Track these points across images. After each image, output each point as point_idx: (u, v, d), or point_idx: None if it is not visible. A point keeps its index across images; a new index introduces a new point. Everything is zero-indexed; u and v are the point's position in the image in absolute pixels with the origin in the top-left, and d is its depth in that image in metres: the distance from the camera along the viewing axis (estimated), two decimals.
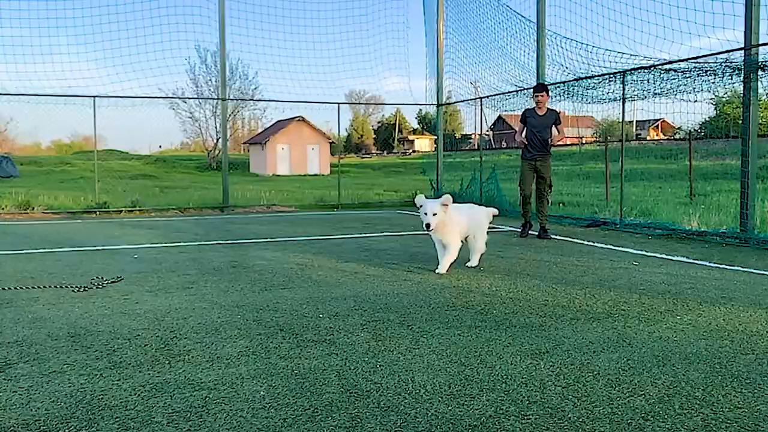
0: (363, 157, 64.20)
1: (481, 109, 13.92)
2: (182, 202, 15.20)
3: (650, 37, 9.15)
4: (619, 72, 9.93)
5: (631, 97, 10.08)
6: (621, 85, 10.01)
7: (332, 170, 47.20)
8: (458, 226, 6.05)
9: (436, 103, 15.52)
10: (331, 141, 50.78)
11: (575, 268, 6.28)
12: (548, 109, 8.93)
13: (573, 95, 11.65)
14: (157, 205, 14.87)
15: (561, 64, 11.37)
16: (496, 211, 6.91)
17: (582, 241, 8.46)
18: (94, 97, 13.15)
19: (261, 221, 11.97)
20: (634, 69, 9.67)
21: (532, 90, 9.57)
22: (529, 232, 9.06)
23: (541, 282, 5.57)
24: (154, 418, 2.64)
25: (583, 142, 41.92)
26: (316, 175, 45.44)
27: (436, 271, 5.99)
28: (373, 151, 74.48)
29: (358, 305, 4.68)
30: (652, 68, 9.29)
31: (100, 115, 13.38)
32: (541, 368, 3.27)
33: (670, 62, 8.91)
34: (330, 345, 3.68)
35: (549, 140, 8.82)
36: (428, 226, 5.69)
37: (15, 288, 5.34)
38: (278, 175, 43.35)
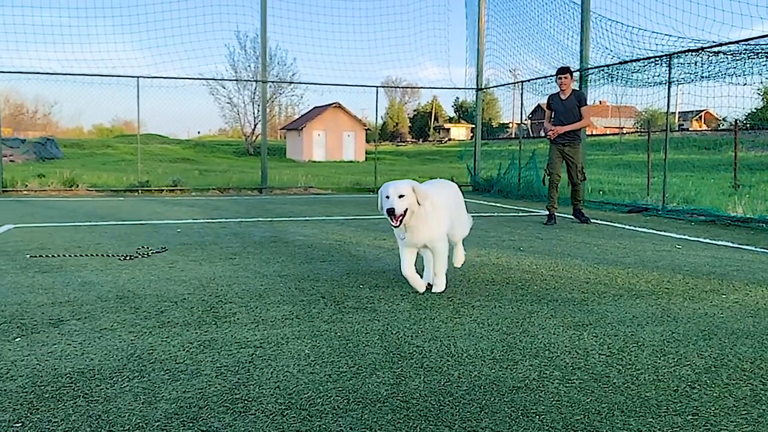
0: (398, 145, 64.07)
1: (522, 93, 13.78)
2: (221, 183, 15.42)
3: (699, 19, 8.93)
4: (666, 55, 9.72)
5: (677, 80, 9.86)
6: (667, 69, 9.80)
7: (367, 157, 47.27)
8: (443, 210, 4.24)
9: (475, 87, 15.40)
10: (366, 128, 50.83)
11: (616, 250, 6.20)
12: (572, 90, 8.50)
13: (617, 79, 11.46)
14: (198, 185, 15.11)
15: (605, 47, 11.19)
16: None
17: (623, 226, 8.34)
18: (138, 77, 13.38)
19: (299, 202, 12.08)
20: (681, 52, 9.46)
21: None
22: (554, 223, 8.46)
23: (581, 261, 5.52)
24: (203, 371, 2.71)
25: (624, 132, 41.20)
26: (351, 161, 45.57)
27: (433, 290, 4.28)
28: (408, 139, 74.30)
29: (397, 278, 4.70)
30: (700, 51, 9.07)
31: (141, 99, 13.62)
32: (584, 338, 3.25)
33: (720, 45, 8.68)
34: (371, 312, 3.72)
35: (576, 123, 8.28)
36: (392, 212, 3.84)
37: (64, 256, 5.50)
38: (314, 161, 43.60)
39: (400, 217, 3.90)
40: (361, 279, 4.67)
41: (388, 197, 3.91)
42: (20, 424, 2.17)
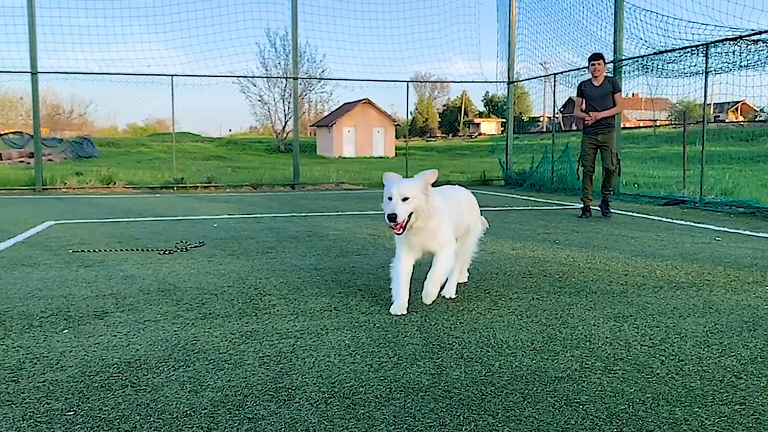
0: (428, 140, 63.93)
1: (554, 85, 13.63)
2: (254, 180, 15.58)
3: (737, 6, 8.74)
4: (703, 44, 9.53)
5: (714, 70, 9.66)
6: (704, 58, 9.61)
7: (397, 153, 47.26)
8: (450, 212, 3.70)
9: (507, 80, 15.29)
10: (396, 124, 50.82)
11: (654, 242, 6.11)
12: (605, 77, 8.28)
13: (651, 70, 11.28)
14: (231, 181, 15.29)
15: (639, 37, 11.02)
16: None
17: (660, 218, 8.22)
18: (172, 75, 13.58)
19: (331, 197, 12.14)
20: (718, 41, 9.27)
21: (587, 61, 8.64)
22: (590, 214, 8.37)
23: (619, 254, 5.46)
24: (246, 361, 2.75)
25: (658, 124, 40.50)
26: (381, 157, 45.61)
27: (424, 300, 3.57)
28: (438, 135, 74.06)
29: None
30: (738, 40, 8.88)
31: (174, 98, 13.82)
32: (625, 330, 3.22)
33: (759, 33, 8.48)
34: (408, 304, 3.72)
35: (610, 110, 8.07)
36: (393, 218, 3.29)
37: (105, 250, 5.62)
38: (344, 157, 43.74)
39: (403, 224, 3.34)
40: None
41: (390, 198, 3.35)
42: (72, 413, 2.23)
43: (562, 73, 13.39)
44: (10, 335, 3.13)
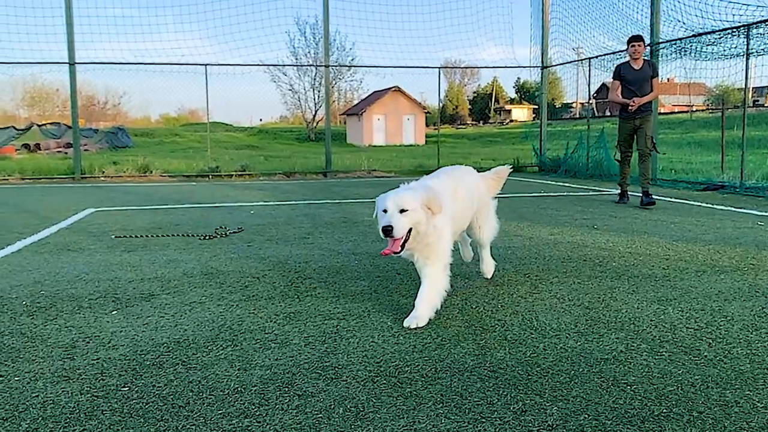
0: (458, 128, 63.56)
1: (589, 70, 13.43)
2: (287, 168, 15.68)
3: None
4: (744, 25, 9.29)
5: (756, 52, 9.42)
6: (745, 40, 9.37)
7: (427, 140, 47.10)
8: (452, 216, 3.26)
9: (540, 65, 15.10)
10: (426, 111, 50.60)
11: (695, 227, 6.01)
12: (644, 60, 8.01)
13: (689, 53, 11.04)
14: (264, 170, 15.43)
15: (678, 19, 10.78)
16: (506, 170, 4.29)
17: (699, 203, 8.07)
18: (206, 65, 13.72)
19: (364, 184, 12.18)
20: (761, 21, 9.03)
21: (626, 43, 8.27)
22: (627, 200, 8.22)
23: (659, 239, 5.38)
24: (292, 341, 2.79)
25: (694, 109, 39.66)
26: (411, 145, 45.49)
27: (407, 322, 2.99)
28: (468, 122, 73.53)
29: None
30: None
31: (205, 89, 13.94)
32: (669, 313, 3.19)
33: None
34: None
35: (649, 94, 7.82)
36: (389, 232, 2.86)
37: (146, 236, 5.73)
38: (374, 146, 43.74)
39: (400, 242, 2.90)
40: None
41: (385, 211, 2.92)
42: (127, 389, 2.29)
43: (597, 57, 13.18)
44: (62, 315, 3.22)
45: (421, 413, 2.06)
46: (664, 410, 2.07)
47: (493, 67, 17.65)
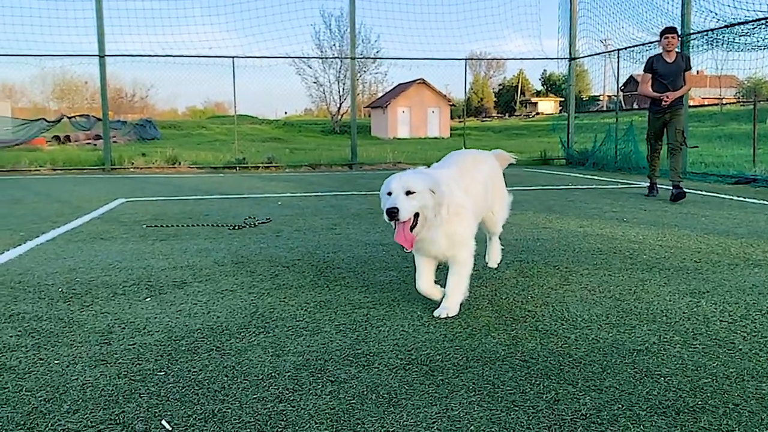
0: (483, 120, 63.18)
1: (618, 62, 13.26)
2: (313, 160, 15.76)
3: None
4: None
5: None
6: None
7: (452, 133, 46.91)
8: (469, 202, 3.06)
9: (568, 57, 14.95)
10: (451, 104, 50.39)
11: (726, 221, 5.92)
12: (677, 53, 7.83)
13: (721, 44, 10.84)
14: (290, 162, 15.52)
15: (709, 10, 10.59)
16: (510, 157, 3.93)
17: (731, 197, 7.94)
18: (233, 57, 13.82)
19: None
20: None
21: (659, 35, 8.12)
22: (656, 192, 8.09)
23: (690, 232, 5.31)
24: (323, 328, 2.82)
25: (724, 102, 38.96)
26: (436, 137, 45.35)
27: (438, 313, 2.97)
28: (494, 114, 73.04)
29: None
30: None
31: (231, 82, 14.03)
32: (702, 306, 3.15)
33: None
34: (477, 278, 3.73)
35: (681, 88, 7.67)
36: (394, 215, 2.67)
37: (176, 226, 5.80)
38: (399, 138, 43.69)
39: (408, 224, 2.73)
40: None
41: (390, 194, 2.74)
42: (163, 373, 2.34)
43: (626, 48, 13.00)
44: (97, 302, 3.29)
45: (453, 401, 2.07)
46: (699, 402, 2.06)
47: (521, 58, 17.55)
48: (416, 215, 2.75)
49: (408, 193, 2.71)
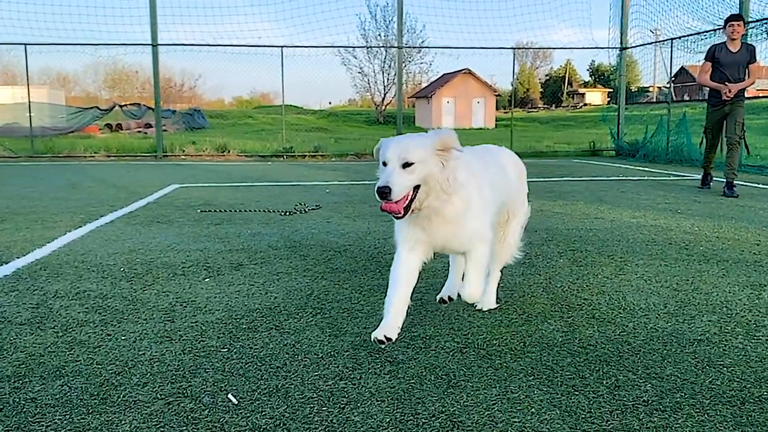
0: (529, 111, 62.38)
1: (671, 52, 12.92)
2: (358, 149, 15.83)
3: None
4: None
5: None
6: None
7: (497, 124, 46.46)
8: (491, 187, 2.58)
9: (619, 46, 14.63)
10: (497, 94, 49.87)
11: None
12: (742, 43, 7.43)
13: None
14: (336, 151, 15.63)
15: None
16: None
17: None
18: (282, 47, 13.95)
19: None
20: None
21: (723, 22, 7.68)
22: (711, 183, 7.82)
23: (747, 224, 5.18)
24: (377, 311, 2.85)
25: None
26: (480, 128, 44.98)
27: (467, 299, 2.48)
28: (540, 105, 72.04)
29: (551, 237, 4.66)
30: None
31: (277, 72, 14.17)
32: (764, 298, 3.08)
33: None
34: (530, 267, 3.72)
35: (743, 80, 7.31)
36: (385, 193, 2.13)
37: (229, 211, 5.92)
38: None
39: (403, 203, 2.18)
40: None
41: (385, 164, 2.22)
42: (226, 350, 2.41)
43: (680, 38, 12.66)
44: (158, 282, 3.39)
45: (512, 384, 2.08)
46: (764, 392, 2.02)
47: (570, 48, 17.28)
48: (416, 190, 2.21)
49: (406, 165, 2.16)
